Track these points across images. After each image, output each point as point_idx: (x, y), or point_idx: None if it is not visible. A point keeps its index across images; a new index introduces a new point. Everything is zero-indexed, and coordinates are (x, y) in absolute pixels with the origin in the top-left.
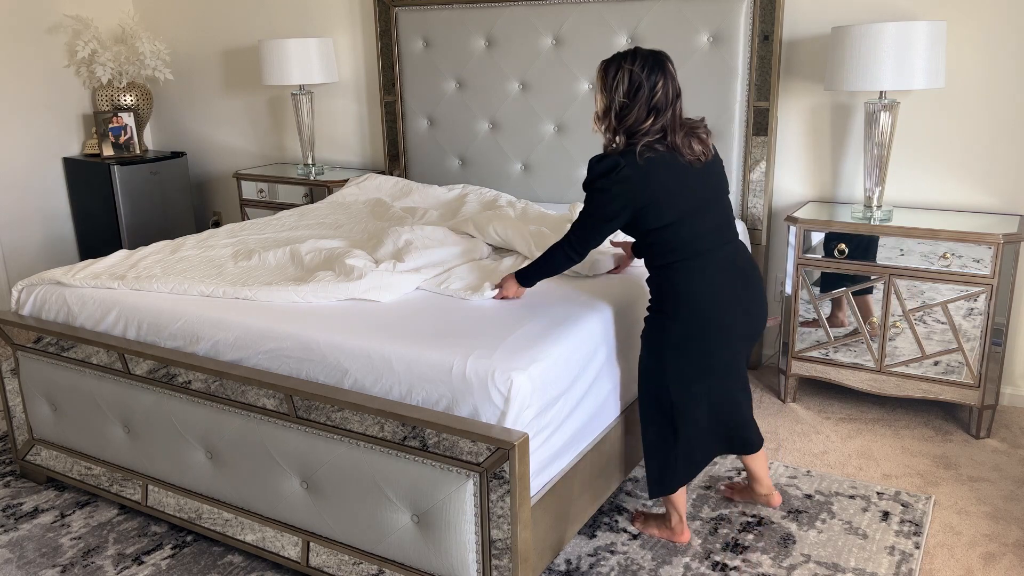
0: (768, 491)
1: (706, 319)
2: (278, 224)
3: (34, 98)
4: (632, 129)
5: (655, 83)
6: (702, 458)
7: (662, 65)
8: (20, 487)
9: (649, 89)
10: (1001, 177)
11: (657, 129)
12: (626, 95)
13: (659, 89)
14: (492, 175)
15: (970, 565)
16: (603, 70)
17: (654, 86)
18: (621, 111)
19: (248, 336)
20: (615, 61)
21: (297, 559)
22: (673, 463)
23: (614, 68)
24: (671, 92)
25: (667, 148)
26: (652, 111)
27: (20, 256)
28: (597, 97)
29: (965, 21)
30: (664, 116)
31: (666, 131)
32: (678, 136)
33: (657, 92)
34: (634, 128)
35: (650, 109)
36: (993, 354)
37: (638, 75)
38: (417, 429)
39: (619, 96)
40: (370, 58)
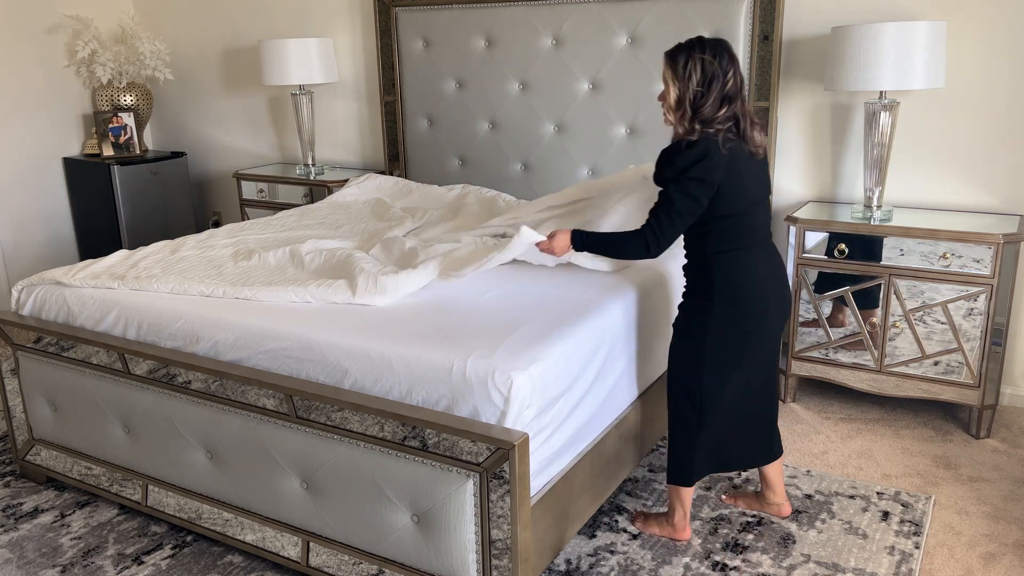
0: (781, 500)
1: (750, 307)
2: (278, 224)
3: (34, 98)
4: (706, 118)
5: (727, 71)
6: (724, 457)
7: (731, 53)
8: (20, 487)
9: (722, 77)
10: (1001, 177)
11: (729, 117)
12: (700, 84)
13: (731, 77)
14: (492, 175)
15: (970, 565)
16: (671, 60)
17: (726, 74)
18: (695, 100)
19: (248, 336)
20: (684, 51)
21: (297, 559)
22: (695, 454)
23: (684, 57)
24: (740, 80)
25: (738, 137)
26: (725, 100)
27: (20, 256)
28: (669, 88)
29: (965, 21)
30: (735, 104)
31: (738, 119)
32: (749, 125)
33: (729, 80)
34: (708, 117)
35: (723, 98)
36: (993, 354)
37: (711, 63)
38: (417, 429)
39: (693, 85)
40: (370, 58)
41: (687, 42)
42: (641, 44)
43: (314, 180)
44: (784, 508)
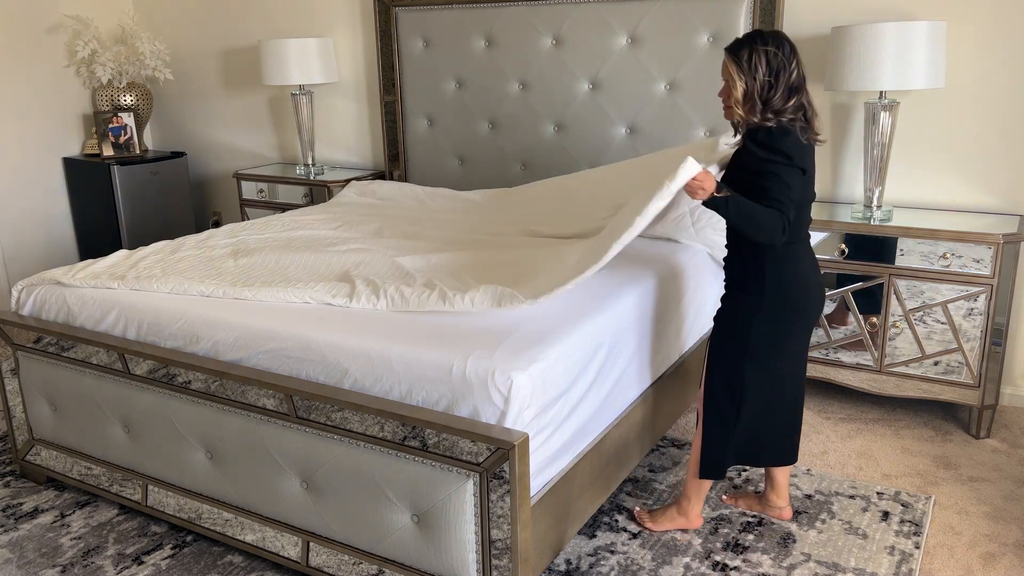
0: (784, 503)
1: (797, 302)
2: (278, 224)
3: (34, 98)
4: (777, 109)
5: (791, 61)
6: (754, 451)
7: (791, 43)
8: (20, 487)
9: (788, 68)
10: (1001, 177)
11: (798, 107)
12: (767, 75)
13: (795, 67)
14: (492, 175)
15: (970, 565)
16: (734, 55)
17: (791, 64)
18: (764, 92)
19: (248, 336)
20: (746, 44)
21: (297, 559)
22: (728, 447)
23: (747, 51)
24: (802, 71)
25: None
26: (792, 90)
27: (20, 256)
28: (735, 83)
29: (965, 21)
30: (802, 94)
31: (804, 109)
32: (814, 116)
33: (794, 70)
34: (779, 108)
35: (790, 88)
36: (993, 354)
37: (775, 55)
38: (417, 429)
39: (760, 77)
40: (370, 58)
41: (747, 36)
42: (641, 44)
43: (314, 180)
44: (786, 512)
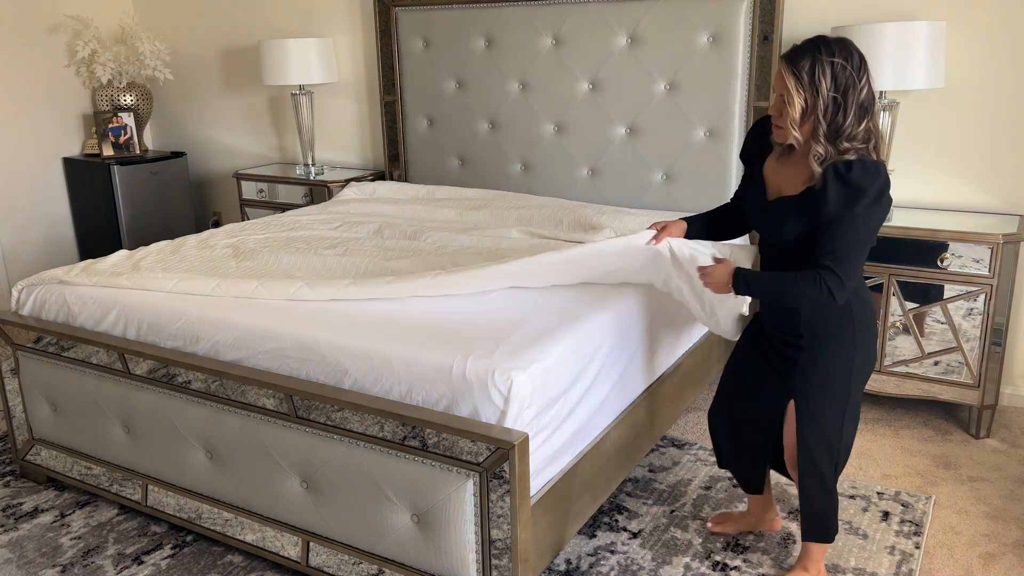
0: (775, 512)
1: (876, 332)
2: (278, 225)
3: (34, 98)
4: (850, 134)
5: (862, 76)
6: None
7: (860, 54)
8: (20, 487)
9: (858, 84)
10: (1001, 177)
11: (867, 132)
12: (833, 91)
13: (865, 83)
14: (492, 175)
15: (970, 565)
16: (793, 66)
17: (861, 80)
18: (827, 112)
19: (248, 336)
20: (808, 53)
21: (297, 559)
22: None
23: (809, 61)
24: (873, 86)
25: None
26: (863, 111)
27: (20, 256)
28: (791, 99)
29: (965, 21)
30: (871, 116)
31: (871, 135)
32: (880, 142)
33: (863, 88)
34: (851, 133)
35: (861, 108)
36: (993, 354)
37: (843, 68)
38: (417, 429)
39: (824, 93)
40: (370, 58)
41: (809, 43)
42: (641, 44)
43: (314, 180)
44: (778, 521)
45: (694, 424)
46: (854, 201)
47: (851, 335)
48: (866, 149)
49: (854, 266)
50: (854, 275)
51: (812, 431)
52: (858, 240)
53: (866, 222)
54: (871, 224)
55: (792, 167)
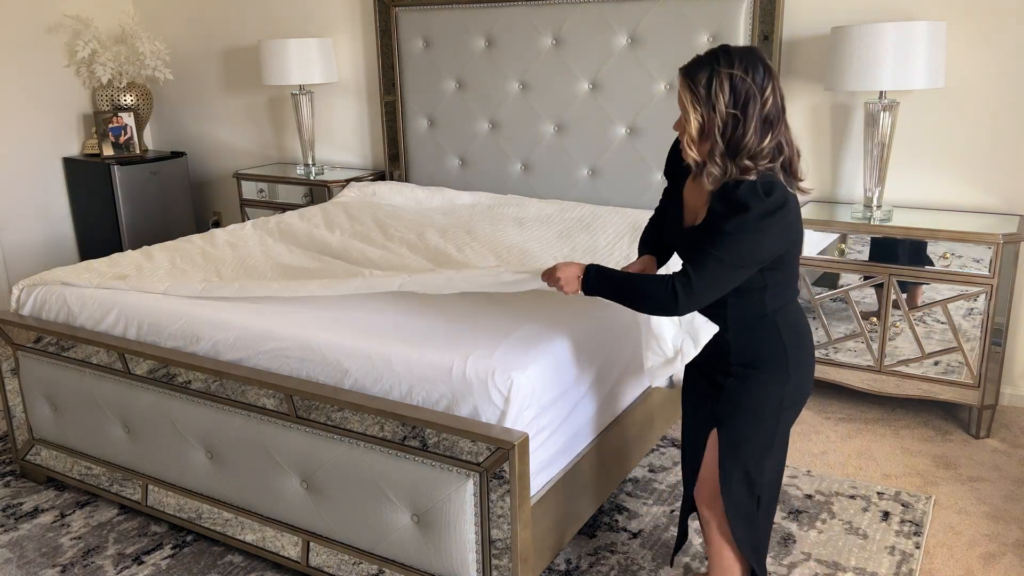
0: None
1: (812, 368)
2: (274, 224)
3: (34, 98)
4: (751, 152)
5: (765, 87)
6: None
7: (765, 63)
8: (20, 487)
9: (759, 96)
10: (1001, 177)
11: (772, 148)
12: (731, 107)
13: (769, 95)
14: (492, 175)
15: (970, 565)
16: (690, 78)
17: (764, 92)
18: (727, 129)
19: (248, 336)
20: (705, 65)
21: (297, 559)
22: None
23: (706, 74)
24: (781, 98)
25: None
26: (767, 125)
27: (20, 256)
28: (688, 114)
29: (965, 21)
30: (778, 129)
31: (782, 149)
32: (796, 156)
33: (768, 99)
34: (753, 150)
35: (764, 122)
36: (993, 354)
37: (742, 79)
38: (417, 429)
39: (722, 109)
40: (370, 58)
41: (709, 54)
42: (641, 44)
43: (314, 180)
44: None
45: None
46: (727, 218)
47: (784, 366)
48: (773, 170)
49: (717, 284)
50: (710, 294)
51: (732, 464)
52: (722, 260)
53: (737, 243)
54: (756, 248)
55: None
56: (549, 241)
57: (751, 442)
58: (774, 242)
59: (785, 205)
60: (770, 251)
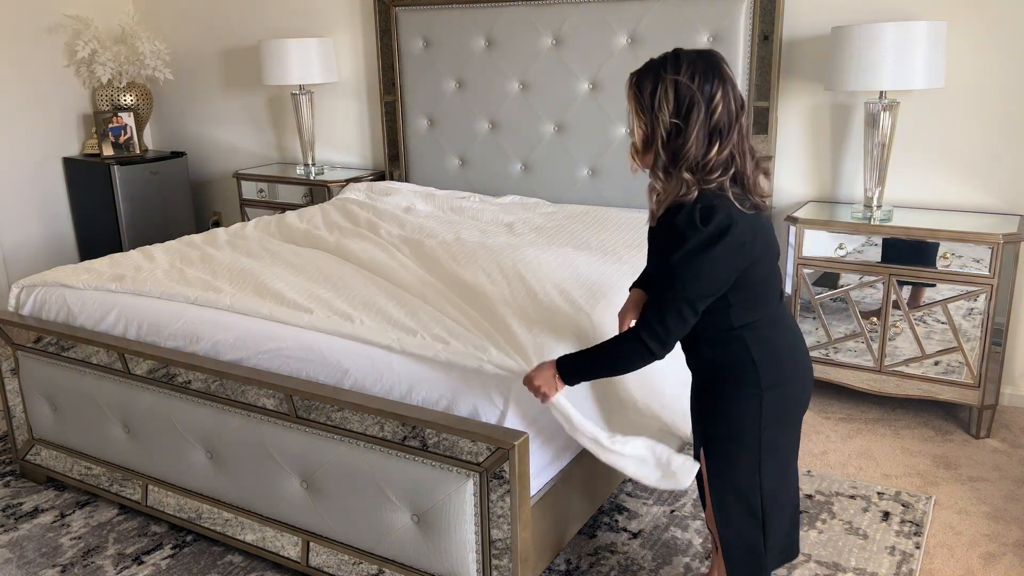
0: None
1: (800, 374)
2: (273, 225)
3: (34, 98)
4: (694, 163)
5: (712, 94)
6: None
7: (718, 67)
8: (20, 487)
9: (706, 104)
10: (1001, 177)
11: (725, 160)
12: (674, 115)
13: (719, 102)
14: (492, 175)
15: (970, 565)
16: (635, 85)
17: (712, 99)
18: (670, 140)
19: (248, 336)
20: (651, 71)
21: (297, 559)
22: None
23: (651, 81)
24: (736, 105)
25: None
26: (715, 135)
27: (20, 256)
28: (633, 123)
29: (965, 21)
30: (730, 139)
31: (735, 159)
32: (753, 168)
33: (717, 106)
34: (695, 161)
35: (711, 132)
36: (993, 354)
37: (687, 86)
38: (417, 429)
39: (665, 119)
40: (370, 58)
41: (659, 59)
42: (641, 44)
43: (314, 180)
44: None
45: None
46: (671, 251)
47: (754, 381)
48: (723, 185)
49: (681, 321)
50: (679, 331)
51: (723, 487)
52: (677, 298)
53: (684, 277)
54: (712, 277)
55: None
56: (542, 247)
57: (736, 460)
58: (725, 269)
59: (728, 230)
60: (726, 278)
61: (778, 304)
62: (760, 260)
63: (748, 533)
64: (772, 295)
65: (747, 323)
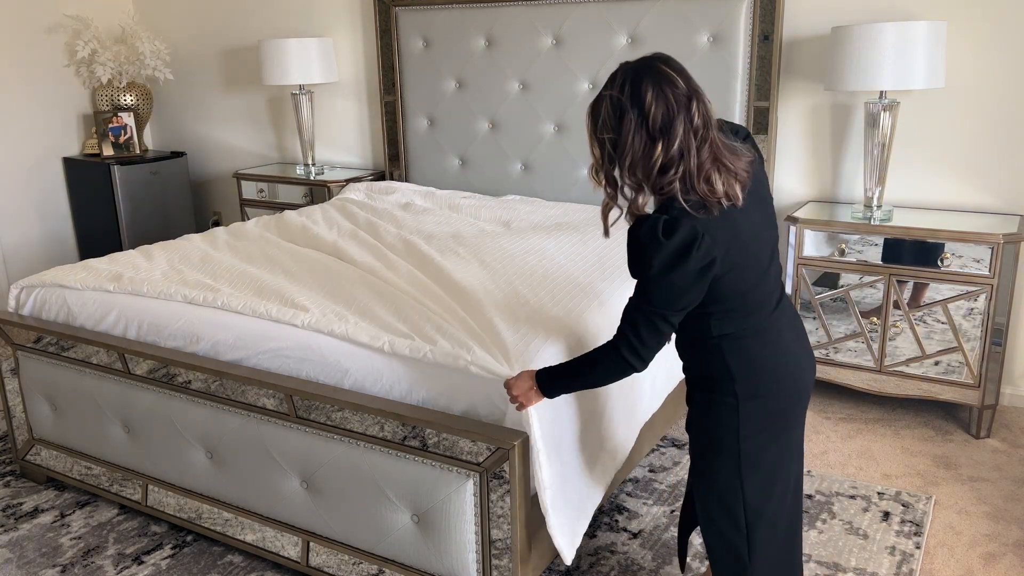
0: None
1: (785, 391)
2: (272, 223)
3: (34, 98)
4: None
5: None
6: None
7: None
8: (20, 487)
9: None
10: (1001, 177)
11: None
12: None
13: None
14: (492, 175)
15: (970, 565)
16: (589, 114)
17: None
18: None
19: (248, 336)
20: (598, 96)
21: (297, 559)
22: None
23: (596, 104)
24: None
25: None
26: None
27: (20, 256)
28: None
29: (965, 21)
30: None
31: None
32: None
33: (650, 109)
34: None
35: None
36: (993, 354)
37: (618, 98)
38: (417, 429)
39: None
40: (370, 58)
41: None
42: (641, 44)
43: (314, 180)
44: None
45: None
46: (635, 267)
47: (731, 392)
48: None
49: (652, 334)
50: (657, 345)
51: (708, 496)
52: (651, 312)
53: (653, 293)
54: (663, 296)
55: None
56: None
57: (716, 469)
58: (694, 284)
59: (694, 243)
60: (696, 293)
61: (770, 312)
62: (737, 268)
63: (732, 541)
64: (757, 305)
65: (727, 333)
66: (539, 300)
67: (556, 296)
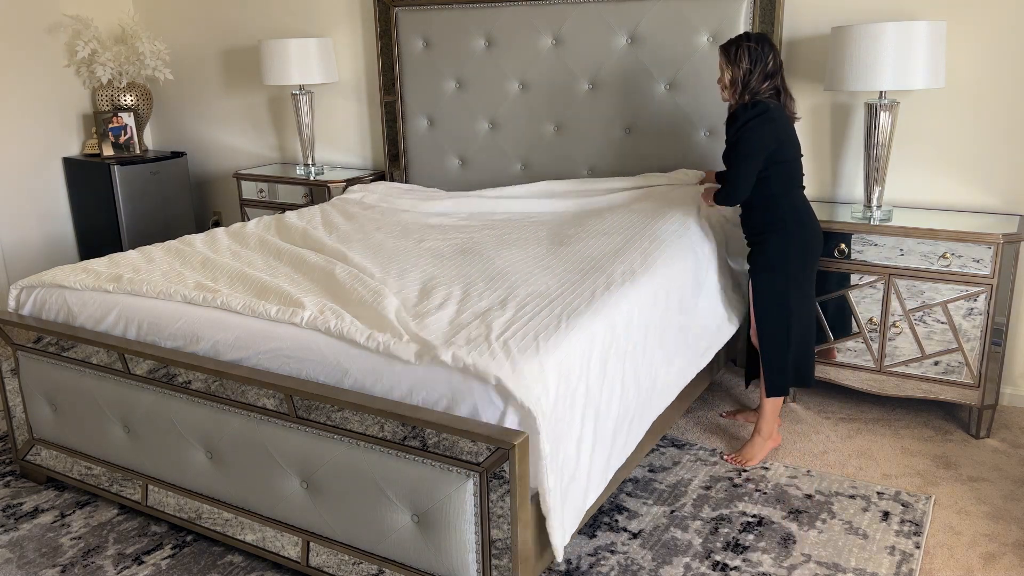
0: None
1: (814, 232)
2: (272, 224)
3: (34, 98)
4: (754, 90)
5: (768, 55)
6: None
7: (770, 42)
8: (20, 487)
9: (764, 60)
10: (1001, 177)
11: (772, 88)
12: (749, 64)
13: (771, 59)
14: (492, 175)
15: (970, 565)
16: (725, 50)
17: (767, 57)
18: (745, 78)
19: (248, 336)
20: (735, 43)
21: (297, 559)
22: (787, 366)
23: (734, 47)
24: (778, 62)
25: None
26: (768, 76)
27: (20, 256)
28: (724, 72)
29: (965, 21)
30: (776, 79)
31: (779, 91)
32: (787, 96)
33: (770, 62)
34: (756, 89)
35: (766, 75)
36: (993, 354)
37: (755, 49)
38: (417, 429)
39: (743, 67)
40: (370, 58)
41: (736, 37)
42: (641, 44)
43: (314, 180)
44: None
45: (694, 424)
46: (730, 127)
47: (784, 229)
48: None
49: (747, 174)
50: (747, 183)
51: (764, 304)
52: (739, 155)
53: (751, 140)
54: (759, 140)
55: None
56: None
57: (773, 287)
58: (765, 134)
59: (766, 111)
60: (767, 141)
61: (800, 187)
62: (786, 143)
63: (779, 337)
64: (795, 174)
65: (783, 191)
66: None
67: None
